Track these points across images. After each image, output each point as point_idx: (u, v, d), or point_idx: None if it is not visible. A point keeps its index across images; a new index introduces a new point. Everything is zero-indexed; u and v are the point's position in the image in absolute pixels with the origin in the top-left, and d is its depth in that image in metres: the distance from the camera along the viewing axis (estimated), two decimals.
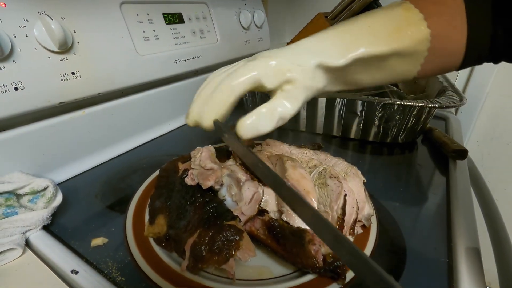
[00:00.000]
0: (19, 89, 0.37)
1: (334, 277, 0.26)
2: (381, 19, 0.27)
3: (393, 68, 0.28)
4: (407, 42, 0.26)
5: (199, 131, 0.64)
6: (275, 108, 0.27)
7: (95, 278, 0.28)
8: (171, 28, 0.57)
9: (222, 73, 0.28)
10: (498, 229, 0.47)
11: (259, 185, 0.34)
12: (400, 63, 0.27)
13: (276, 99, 0.27)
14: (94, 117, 0.49)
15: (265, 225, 0.30)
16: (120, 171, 0.48)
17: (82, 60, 0.43)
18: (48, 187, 0.36)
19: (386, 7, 0.28)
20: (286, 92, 0.27)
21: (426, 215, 0.38)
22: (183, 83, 0.64)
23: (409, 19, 0.26)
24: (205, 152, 0.36)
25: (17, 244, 0.31)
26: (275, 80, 0.26)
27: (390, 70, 0.28)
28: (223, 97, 0.26)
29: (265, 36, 0.86)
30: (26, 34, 0.37)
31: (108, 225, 0.36)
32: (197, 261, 0.26)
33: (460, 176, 0.45)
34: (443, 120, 0.67)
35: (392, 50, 0.26)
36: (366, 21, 0.27)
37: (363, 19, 0.27)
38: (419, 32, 0.26)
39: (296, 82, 0.26)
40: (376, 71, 0.28)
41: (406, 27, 0.26)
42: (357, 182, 0.33)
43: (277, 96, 0.27)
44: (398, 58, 0.27)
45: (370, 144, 0.57)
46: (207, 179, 0.31)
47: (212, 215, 0.29)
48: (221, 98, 0.26)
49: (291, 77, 0.26)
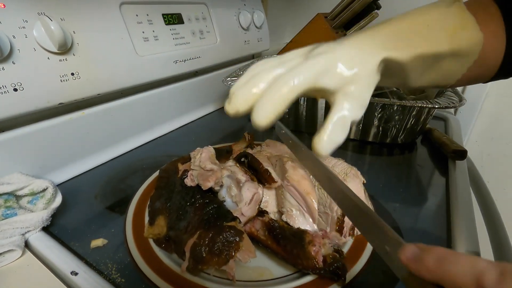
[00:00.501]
0: (19, 90, 0.37)
1: (334, 278, 0.26)
2: (438, 18, 0.27)
3: (444, 68, 0.28)
4: (465, 43, 0.26)
5: (199, 132, 0.64)
6: (345, 115, 0.25)
7: (95, 279, 0.28)
8: (170, 29, 0.57)
9: (275, 66, 0.26)
10: (497, 229, 0.48)
11: (259, 186, 0.34)
12: (453, 64, 0.27)
13: (341, 103, 0.25)
14: (94, 117, 0.48)
15: (265, 226, 0.30)
16: (119, 172, 0.48)
17: (81, 61, 0.43)
18: (48, 188, 0.36)
19: (437, 3, 0.28)
20: (349, 94, 0.25)
21: (426, 215, 0.38)
22: (183, 84, 0.64)
23: (465, 20, 0.26)
24: (205, 153, 0.36)
25: (16, 246, 0.31)
26: (338, 81, 0.25)
27: (441, 71, 0.28)
28: (283, 95, 0.24)
29: (265, 37, 0.86)
30: (26, 35, 0.37)
31: (108, 226, 0.36)
32: (197, 262, 0.26)
33: (460, 176, 0.45)
34: (442, 121, 0.67)
35: (451, 50, 0.26)
36: (423, 19, 0.27)
37: (419, 17, 0.27)
38: (476, 34, 0.26)
39: (360, 81, 0.25)
40: (427, 71, 0.28)
41: (464, 28, 0.26)
42: (356, 183, 0.33)
43: (340, 100, 0.26)
44: (452, 59, 0.27)
45: (369, 144, 0.57)
46: (207, 180, 0.31)
47: (212, 216, 0.29)
48: (281, 96, 0.24)
49: (354, 77, 0.25)
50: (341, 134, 0.25)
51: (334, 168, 0.36)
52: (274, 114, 0.24)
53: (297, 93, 0.24)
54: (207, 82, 0.71)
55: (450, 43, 0.26)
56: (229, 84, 0.60)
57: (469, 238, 0.33)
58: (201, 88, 0.70)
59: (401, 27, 0.27)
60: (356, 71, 0.25)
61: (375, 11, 0.87)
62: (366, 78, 0.25)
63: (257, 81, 0.25)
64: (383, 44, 0.26)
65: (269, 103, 0.24)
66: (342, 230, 0.28)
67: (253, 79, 0.26)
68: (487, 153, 1.04)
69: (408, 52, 0.26)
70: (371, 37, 0.27)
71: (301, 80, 0.24)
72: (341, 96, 0.25)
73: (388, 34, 0.27)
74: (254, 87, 0.25)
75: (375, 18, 0.88)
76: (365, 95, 0.26)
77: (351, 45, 0.26)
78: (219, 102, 0.77)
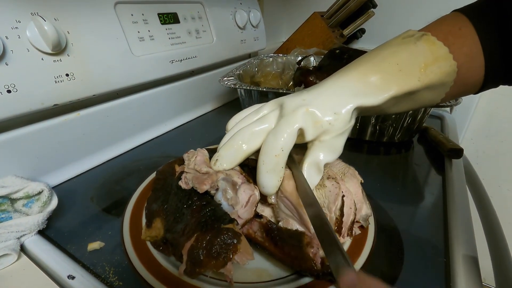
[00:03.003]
0: (12, 91, 0.36)
1: (332, 280, 0.26)
2: (408, 56, 0.27)
3: (421, 99, 0.28)
4: (438, 77, 0.26)
5: (195, 132, 0.64)
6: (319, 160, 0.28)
7: (92, 283, 0.28)
8: (166, 28, 0.57)
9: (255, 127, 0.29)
10: (493, 227, 0.48)
11: (255, 187, 0.34)
12: (429, 94, 0.28)
13: (316, 151, 0.28)
14: (89, 118, 0.48)
15: (263, 227, 0.30)
16: (116, 173, 0.48)
17: (76, 61, 0.42)
18: (43, 191, 0.35)
19: (405, 40, 0.28)
20: (324, 142, 0.27)
21: (423, 214, 0.39)
22: (179, 84, 0.64)
23: (436, 53, 0.26)
24: (200, 155, 0.36)
25: (12, 250, 0.31)
26: (315, 131, 0.27)
27: (419, 101, 0.29)
28: (280, 163, 0.27)
29: (261, 36, 0.86)
30: (19, 35, 0.36)
31: (104, 229, 0.36)
32: (195, 265, 0.25)
33: (456, 174, 0.45)
34: (438, 119, 0.67)
35: (424, 85, 0.26)
36: (393, 59, 0.27)
37: (388, 56, 0.27)
38: (448, 66, 0.26)
39: (334, 131, 0.27)
40: (405, 103, 0.29)
41: (436, 62, 0.26)
42: (354, 183, 0.33)
43: (316, 147, 0.28)
44: (427, 91, 0.27)
45: (366, 143, 0.57)
46: (202, 183, 0.31)
47: (209, 218, 0.28)
48: (278, 164, 0.27)
49: (329, 128, 0.27)
50: (315, 177, 0.28)
51: (332, 168, 0.36)
52: (276, 179, 0.28)
53: (289, 150, 0.27)
54: (204, 82, 0.71)
55: (422, 80, 0.26)
56: (226, 84, 0.60)
57: (466, 237, 0.33)
58: (198, 88, 0.70)
59: (371, 71, 0.27)
60: (330, 120, 0.27)
61: (371, 9, 0.87)
62: (340, 128, 0.27)
63: (238, 140, 0.29)
64: (353, 92, 0.27)
65: (268, 174, 0.28)
66: (341, 231, 0.28)
67: (234, 138, 0.29)
68: (482, 151, 1.05)
69: (379, 96, 0.27)
70: (340, 87, 0.28)
71: (288, 139, 0.27)
72: (316, 143, 0.28)
73: (358, 81, 0.27)
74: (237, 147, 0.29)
75: (371, 17, 0.88)
76: (339, 143, 0.28)
77: (323, 97, 0.28)
78: (216, 102, 0.77)
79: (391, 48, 0.28)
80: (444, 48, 0.26)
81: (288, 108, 0.27)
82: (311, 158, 0.28)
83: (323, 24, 0.89)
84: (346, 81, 0.28)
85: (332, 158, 0.28)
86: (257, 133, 0.29)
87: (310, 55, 0.77)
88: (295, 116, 0.26)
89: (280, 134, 0.27)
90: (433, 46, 0.26)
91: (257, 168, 0.28)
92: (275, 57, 0.78)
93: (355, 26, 0.91)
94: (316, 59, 0.76)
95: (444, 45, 0.26)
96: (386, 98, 0.26)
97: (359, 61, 0.29)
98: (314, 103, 0.27)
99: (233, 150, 0.29)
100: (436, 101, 0.29)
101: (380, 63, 0.27)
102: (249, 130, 0.29)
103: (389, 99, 0.27)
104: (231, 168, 0.30)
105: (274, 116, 0.29)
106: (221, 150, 0.30)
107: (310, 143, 0.28)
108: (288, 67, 0.76)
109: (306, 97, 0.28)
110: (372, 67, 0.27)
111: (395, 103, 0.28)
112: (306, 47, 0.84)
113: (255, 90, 0.59)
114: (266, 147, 0.27)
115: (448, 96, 0.29)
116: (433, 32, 0.27)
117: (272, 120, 0.29)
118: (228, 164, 0.30)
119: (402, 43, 0.28)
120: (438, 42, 0.26)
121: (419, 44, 0.27)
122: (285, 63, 0.77)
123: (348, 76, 0.28)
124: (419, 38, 0.27)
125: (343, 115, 0.27)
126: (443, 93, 0.28)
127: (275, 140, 0.27)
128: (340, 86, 0.28)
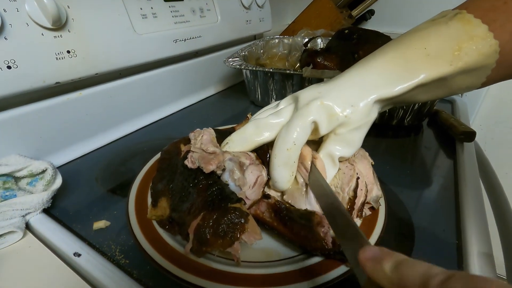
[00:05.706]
0: (12, 67, 0.35)
1: (343, 259, 0.25)
2: (437, 38, 0.24)
3: (457, 84, 0.26)
4: (474, 59, 0.23)
5: (200, 115, 0.62)
6: (334, 154, 0.27)
7: (98, 260, 0.28)
8: (169, 6, 0.55)
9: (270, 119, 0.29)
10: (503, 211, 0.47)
11: (263, 168, 0.33)
12: (466, 79, 0.25)
13: (331, 144, 0.27)
14: (92, 98, 0.47)
15: (271, 208, 0.29)
16: (120, 154, 0.47)
17: (77, 38, 0.41)
18: (47, 170, 0.35)
19: (435, 21, 0.25)
20: (340, 136, 0.26)
21: (434, 197, 0.38)
22: (183, 65, 0.62)
23: (471, 33, 0.23)
24: (207, 135, 0.35)
25: (17, 227, 0.30)
26: (329, 125, 0.26)
27: (454, 87, 0.26)
28: (292, 157, 0.27)
29: (267, 16, 0.83)
30: (17, 8, 0.35)
31: (110, 209, 0.35)
32: (201, 244, 0.25)
33: (468, 158, 0.44)
34: (449, 103, 0.65)
35: (457, 69, 0.24)
36: (419, 43, 0.25)
37: (415, 41, 0.25)
38: (487, 46, 0.23)
39: (351, 124, 0.26)
40: (437, 90, 0.26)
41: (470, 42, 0.23)
42: (365, 164, 0.32)
43: (331, 140, 0.27)
44: (463, 75, 0.25)
45: (374, 126, 0.55)
46: (209, 163, 0.30)
47: (216, 197, 0.28)
48: (291, 158, 0.27)
49: (345, 121, 0.25)
50: (331, 170, 0.28)
51: None
52: (289, 174, 0.28)
53: (302, 144, 0.27)
54: (208, 63, 0.69)
55: (455, 64, 0.24)
56: (231, 65, 0.58)
57: (478, 219, 0.32)
58: (202, 70, 0.68)
59: (394, 59, 0.25)
60: (347, 114, 0.25)
61: None
62: (357, 121, 0.26)
63: (251, 129, 0.30)
64: (374, 84, 0.25)
65: (280, 168, 0.27)
66: (352, 211, 0.28)
67: (248, 126, 0.30)
68: (491, 137, 1.03)
69: (403, 84, 0.25)
70: (361, 78, 0.26)
71: (302, 134, 0.26)
72: (332, 136, 0.27)
73: (381, 71, 0.26)
74: (249, 135, 0.30)
75: None
76: (356, 137, 0.27)
77: (340, 89, 0.26)
78: (221, 84, 0.75)
79: (419, 32, 0.25)
80: (483, 26, 0.23)
81: (302, 102, 0.27)
82: (325, 150, 0.27)
83: (331, 4, 0.85)
84: (367, 72, 0.26)
85: (349, 153, 0.27)
86: (271, 125, 0.28)
87: (317, 37, 0.74)
88: (309, 109, 0.26)
89: (293, 128, 0.26)
90: (468, 25, 0.23)
91: (270, 162, 0.28)
92: (281, 39, 0.76)
93: (364, 7, 0.88)
94: (323, 41, 0.73)
95: (482, 22, 0.23)
96: (411, 87, 0.25)
97: (382, 50, 0.27)
98: (330, 95, 0.26)
99: (244, 137, 0.30)
100: (476, 86, 0.26)
101: (406, 50, 0.25)
102: (263, 121, 0.29)
103: (414, 87, 0.25)
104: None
105: (290, 110, 0.28)
106: (234, 135, 0.31)
107: (326, 136, 0.27)
108: (294, 49, 0.74)
109: (322, 89, 0.27)
110: (396, 54, 0.25)
111: (424, 90, 0.26)
112: (313, 29, 0.81)
113: (260, 71, 0.57)
114: (279, 140, 0.27)
115: (490, 80, 0.25)
116: (470, 9, 0.24)
117: (288, 114, 0.28)
118: (237, 149, 0.30)
119: (432, 25, 0.25)
120: (475, 19, 0.23)
121: (451, 24, 0.24)
122: (292, 44, 0.75)
123: (369, 66, 0.26)
124: (452, 18, 0.24)
125: (361, 108, 0.25)
126: (484, 77, 0.25)
127: (287, 134, 0.26)
128: (360, 78, 0.26)
